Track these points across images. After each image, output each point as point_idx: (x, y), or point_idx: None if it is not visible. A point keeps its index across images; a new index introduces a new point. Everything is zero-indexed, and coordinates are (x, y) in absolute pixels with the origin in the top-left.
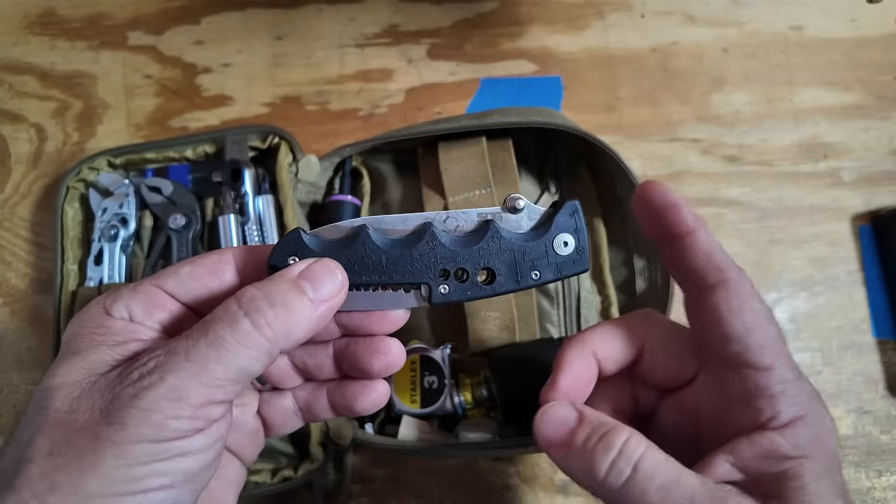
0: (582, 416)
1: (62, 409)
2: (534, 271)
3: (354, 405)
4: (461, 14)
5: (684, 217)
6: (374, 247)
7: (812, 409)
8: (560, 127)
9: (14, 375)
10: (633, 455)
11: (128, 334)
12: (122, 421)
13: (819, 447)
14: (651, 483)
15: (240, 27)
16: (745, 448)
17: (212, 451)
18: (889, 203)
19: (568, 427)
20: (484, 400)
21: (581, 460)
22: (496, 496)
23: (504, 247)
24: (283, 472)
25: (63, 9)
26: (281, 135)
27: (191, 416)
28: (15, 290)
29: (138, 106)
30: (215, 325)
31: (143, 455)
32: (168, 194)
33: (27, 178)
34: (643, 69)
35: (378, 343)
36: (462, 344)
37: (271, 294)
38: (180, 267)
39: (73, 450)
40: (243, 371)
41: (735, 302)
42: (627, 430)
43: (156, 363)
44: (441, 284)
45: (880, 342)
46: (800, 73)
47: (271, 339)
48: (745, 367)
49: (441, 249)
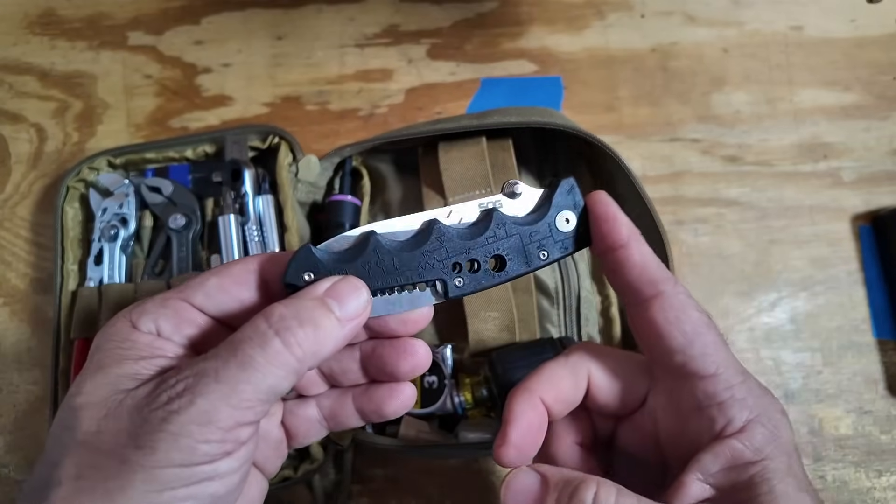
0: (545, 479)
1: (89, 430)
2: (542, 252)
3: (383, 408)
4: (461, 14)
5: (618, 229)
6: (385, 251)
7: (763, 408)
8: (560, 127)
9: (14, 375)
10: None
11: (154, 350)
12: (152, 445)
13: (777, 446)
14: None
15: (240, 27)
16: (710, 461)
17: (238, 474)
18: (889, 203)
19: (533, 495)
20: (484, 400)
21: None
22: (496, 497)
23: (510, 232)
24: (282, 472)
25: (63, 9)
26: (281, 135)
27: (220, 439)
28: (15, 290)
29: (138, 106)
30: (244, 344)
31: (172, 480)
32: (168, 194)
33: (27, 178)
34: (643, 69)
35: (404, 345)
36: (462, 344)
37: (300, 313)
38: (207, 279)
39: (100, 473)
40: (273, 391)
41: (671, 313)
42: (593, 481)
43: (185, 385)
44: (455, 278)
45: (880, 342)
46: (800, 73)
47: (300, 358)
48: (690, 377)
49: (450, 244)
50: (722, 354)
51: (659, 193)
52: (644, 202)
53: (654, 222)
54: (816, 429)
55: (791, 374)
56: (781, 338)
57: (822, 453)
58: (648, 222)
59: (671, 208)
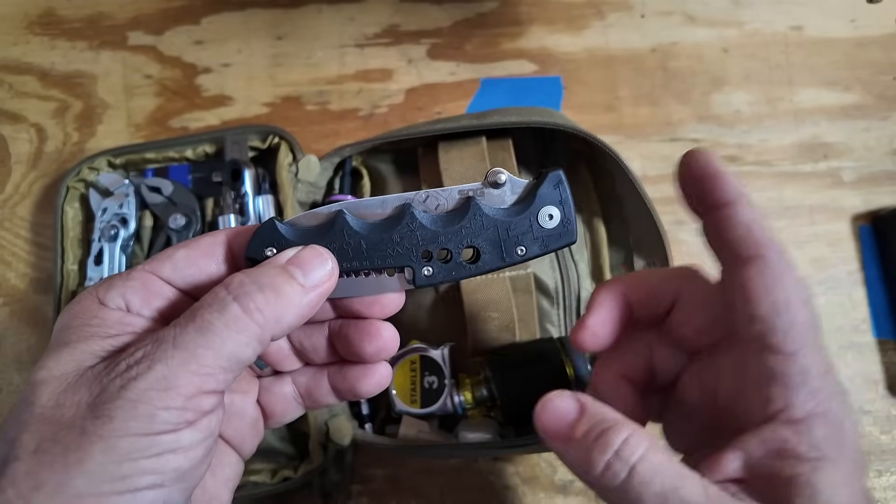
0: (583, 409)
1: (48, 404)
2: (519, 247)
3: (357, 388)
4: (461, 14)
5: (725, 187)
6: (353, 232)
7: (833, 407)
8: (560, 127)
9: (14, 375)
10: (630, 457)
11: (123, 326)
12: (109, 414)
13: (839, 450)
14: (648, 488)
15: (240, 27)
16: (755, 445)
17: (202, 448)
18: (889, 203)
19: (568, 420)
20: (484, 400)
21: (579, 455)
22: (496, 496)
23: (487, 224)
24: (282, 472)
25: (63, 9)
26: (281, 135)
27: (181, 406)
28: (15, 290)
29: (138, 106)
30: (203, 311)
31: (131, 450)
32: (168, 194)
33: (27, 178)
34: (643, 69)
35: (369, 326)
36: (462, 344)
37: (260, 279)
38: (175, 251)
39: (58, 446)
40: (234, 357)
41: (768, 279)
42: (628, 428)
43: (143, 352)
44: (424, 267)
45: (880, 342)
46: (800, 73)
47: (261, 323)
48: (767, 350)
49: (422, 230)
50: (809, 336)
51: (659, 193)
52: (644, 202)
53: (654, 222)
54: None
55: None
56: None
57: None
58: (648, 222)
59: (671, 208)
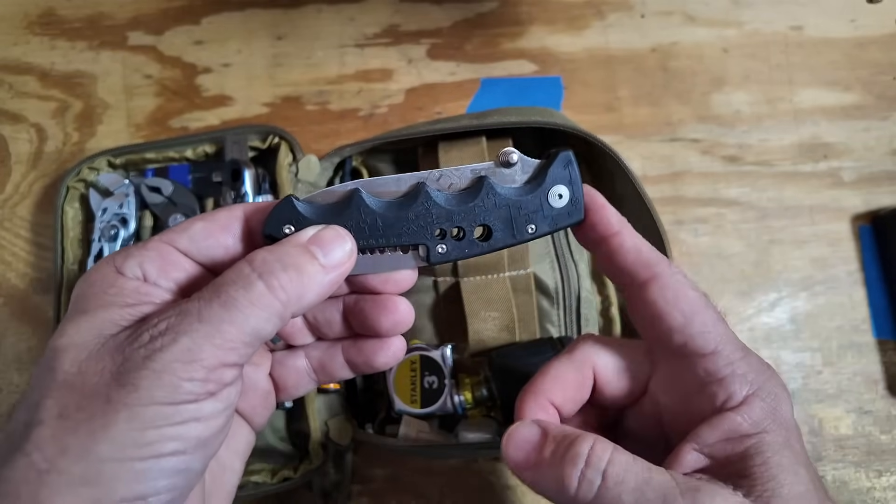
0: (545, 430)
1: (71, 370)
2: (530, 225)
3: (373, 360)
4: (461, 14)
5: (609, 218)
6: (369, 210)
7: (763, 382)
8: (560, 127)
9: (14, 375)
10: (600, 463)
11: (140, 296)
12: (134, 383)
13: (775, 420)
14: (623, 487)
15: (240, 27)
16: (707, 433)
17: (222, 417)
18: (889, 203)
19: (533, 444)
20: (484, 400)
21: (551, 477)
22: (496, 496)
23: (499, 202)
24: (282, 472)
25: (63, 9)
26: (281, 135)
27: (203, 378)
28: (15, 290)
29: (138, 106)
30: (228, 287)
31: (156, 418)
32: (168, 194)
33: (27, 178)
34: (643, 69)
35: (385, 301)
36: (462, 344)
37: (283, 258)
38: (192, 223)
39: (83, 412)
40: (256, 333)
41: (669, 293)
42: (591, 437)
43: (167, 324)
44: (438, 244)
45: (880, 342)
46: (800, 73)
47: (284, 301)
48: (691, 356)
49: (436, 209)
50: (721, 331)
51: (659, 193)
52: (644, 202)
53: (654, 222)
54: (816, 429)
55: (791, 374)
56: (781, 338)
57: (821, 453)
58: (648, 222)
59: (671, 208)
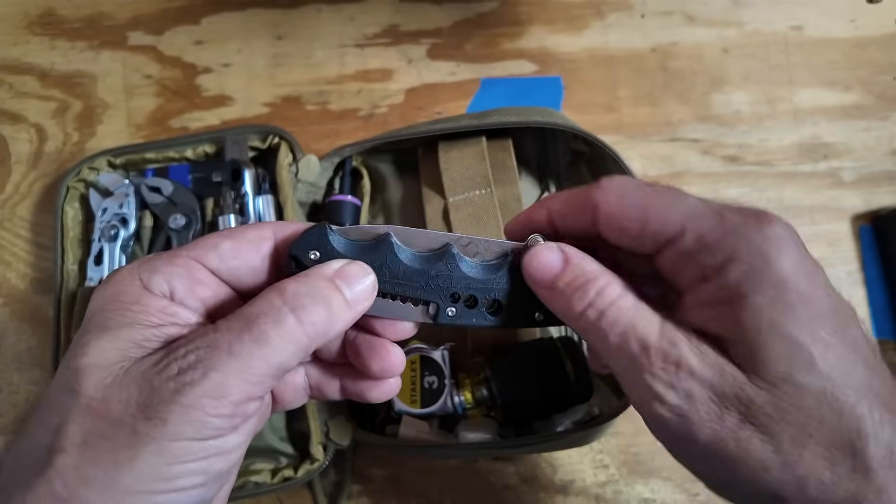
0: (567, 261)
1: (95, 396)
2: (538, 312)
3: (366, 393)
4: (461, 14)
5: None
6: (396, 258)
7: (741, 243)
8: (560, 127)
9: (14, 375)
10: (602, 304)
11: (166, 316)
12: (163, 417)
13: (756, 278)
14: (612, 329)
15: (240, 27)
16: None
17: (241, 451)
18: (889, 203)
19: (554, 271)
20: (484, 400)
21: (560, 302)
22: (496, 496)
23: (515, 285)
24: (283, 473)
25: (63, 9)
26: (281, 135)
27: (231, 413)
28: (15, 290)
29: (138, 106)
30: (259, 319)
31: (182, 454)
32: (168, 194)
33: (27, 178)
34: (643, 69)
35: (381, 346)
36: (462, 344)
37: (314, 293)
38: (220, 241)
39: (107, 443)
40: (282, 367)
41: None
42: (604, 279)
43: (196, 357)
44: (450, 307)
45: (880, 342)
46: (800, 73)
47: (312, 336)
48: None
49: (457, 273)
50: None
51: None
52: None
53: None
54: None
55: None
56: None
57: None
58: None
59: None
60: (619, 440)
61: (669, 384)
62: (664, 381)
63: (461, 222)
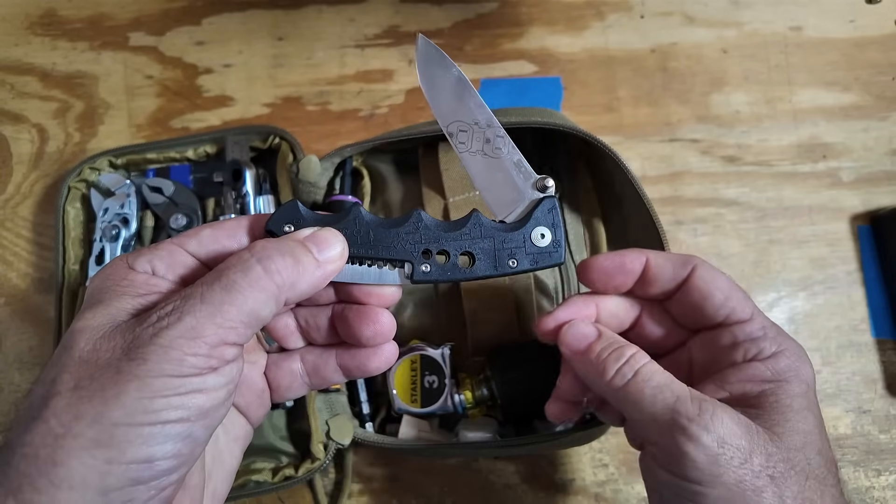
0: (601, 333)
1: (85, 348)
2: (511, 259)
3: (366, 364)
4: (461, 15)
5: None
6: (364, 223)
7: (790, 346)
8: (560, 127)
9: (15, 375)
10: (636, 364)
11: (149, 287)
12: (143, 357)
13: (796, 376)
14: (647, 384)
15: (240, 28)
16: (731, 373)
17: (224, 391)
18: (888, 203)
19: (588, 340)
20: (484, 399)
21: (595, 366)
22: (496, 496)
23: (485, 234)
24: (283, 472)
25: (64, 10)
26: (282, 135)
27: (206, 353)
28: (16, 289)
29: (139, 106)
30: (229, 270)
31: (163, 388)
32: (169, 194)
33: (28, 178)
34: (642, 70)
35: (368, 311)
36: (462, 344)
37: (281, 247)
38: (201, 229)
39: (96, 383)
40: (254, 314)
41: (709, 277)
42: (634, 348)
43: (173, 306)
44: (423, 264)
45: (879, 342)
46: (799, 73)
47: (280, 284)
48: (732, 323)
49: (425, 231)
50: (752, 303)
51: (658, 194)
52: (643, 202)
53: (654, 222)
54: None
55: None
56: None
57: None
58: (647, 222)
59: (670, 208)
60: (619, 440)
61: (705, 427)
62: (700, 424)
63: None
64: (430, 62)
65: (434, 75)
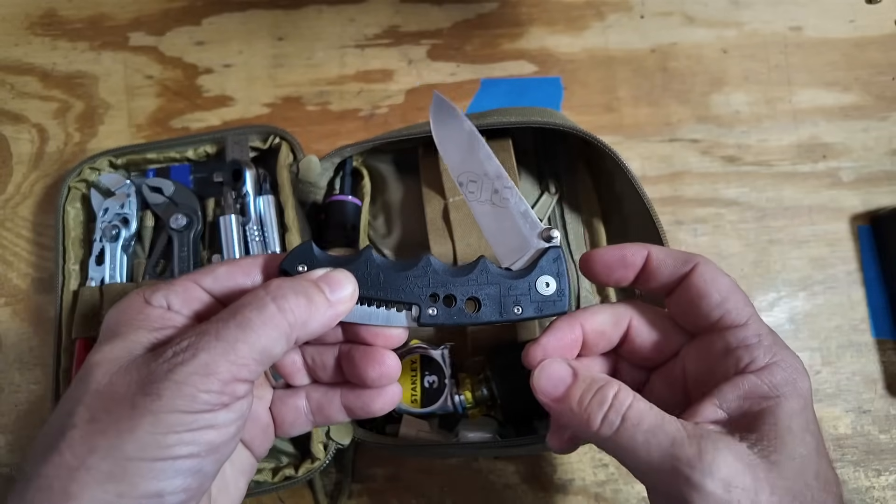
0: (576, 373)
1: (102, 382)
2: (516, 306)
3: (370, 405)
4: (461, 15)
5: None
6: (374, 265)
7: (785, 357)
8: (560, 127)
9: (16, 375)
10: (622, 406)
11: (165, 321)
12: (158, 392)
13: (793, 389)
14: (638, 429)
15: (240, 28)
16: (728, 390)
17: (234, 427)
18: (888, 203)
19: (564, 384)
20: (484, 399)
21: (578, 416)
22: (496, 496)
23: (491, 280)
24: (284, 472)
25: (64, 10)
26: (282, 135)
27: (219, 390)
28: (16, 290)
29: (139, 106)
30: (244, 308)
31: (176, 424)
32: (169, 194)
33: (29, 178)
34: (642, 70)
35: (374, 353)
36: (462, 344)
37: (295, 286)
38: (217, 267)
39: (111, 417)
40: (266, 352)
41: (709, 276)
42: (616, 384)
43: (188, 342)
44: (430, 307)
45: (879, 342)
46: (799, 73)
47: (292, 322)
48: (726, 327)
49: (434, 275)
50: (750, 309)
51: (658, 193)
52: (643, 202)
53: (653, 222)
54: None
55: None
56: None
57: None
58: (647, 222)
59: (670, 208)
60: None
61: (709, 472)
62: (702, 469)
63: (461, 222)
64: (443, 116)
65: (447, 128)
